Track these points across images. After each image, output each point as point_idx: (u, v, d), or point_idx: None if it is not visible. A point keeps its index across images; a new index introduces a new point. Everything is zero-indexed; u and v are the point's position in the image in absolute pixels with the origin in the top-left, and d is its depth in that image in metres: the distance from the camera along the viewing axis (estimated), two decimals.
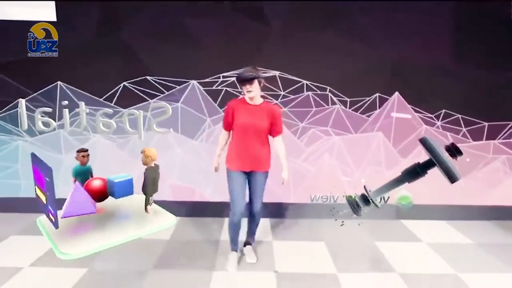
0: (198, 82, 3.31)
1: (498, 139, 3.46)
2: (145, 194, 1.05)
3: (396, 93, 3.36)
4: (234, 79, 3.30)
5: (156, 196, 3.40)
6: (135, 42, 3.26)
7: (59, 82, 3.30)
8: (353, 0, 3.17)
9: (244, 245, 2.76)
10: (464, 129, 3.43)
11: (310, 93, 3.34)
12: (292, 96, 3.34)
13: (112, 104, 3.33)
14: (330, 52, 3.26)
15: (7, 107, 3.35)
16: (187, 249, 2.85)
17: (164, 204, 3.33)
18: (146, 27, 3.23)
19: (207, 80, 3.31)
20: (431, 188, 3.49)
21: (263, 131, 2.38)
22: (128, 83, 3.30)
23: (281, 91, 3.34)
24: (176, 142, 3.41)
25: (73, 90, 3.32)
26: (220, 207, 3.35)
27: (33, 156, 0.97)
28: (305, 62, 3.29)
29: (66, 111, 1.54)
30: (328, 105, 3.37)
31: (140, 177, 1.44)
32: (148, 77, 3.30)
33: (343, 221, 1.95)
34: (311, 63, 3.28)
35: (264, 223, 3.41)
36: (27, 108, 3.30)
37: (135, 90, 3.31)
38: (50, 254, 2.70)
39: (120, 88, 3.31)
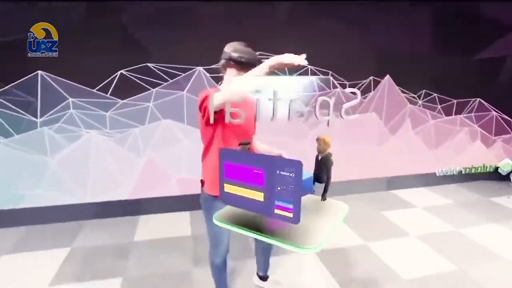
0: (204, 69, 3.15)
1: (463, 113, 4.06)
2: (323, 182, 1.05)
3: (387, 76, 3.67)
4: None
5: (164, 192, 3.20)
6: (134, 26, 2.92)
7: (39, 72, 2.81)
8: None
9: (262, 279, 2.19)
10: (439, 106, 3.94)
11: (314, 77, 3.45)
12: None
13: (108, 95, 2.98)
14: (332, 38, 3.38)
15: None
16: None
17: (172, 199, 3.18)
18: (146, 10, 2.92)
19: (214, 66, 3.16)
20: (409, 160, 3.98)
21: (254, 132, 1.73)
22: (126, 71, 2.97)
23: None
24: (182, 133, 3.22)
25: (58, 80, 2.86)
26: None
27: (225, 151, 0.90)
28: (309, 47, 3.35)
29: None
30: (330, 88, 3.53)
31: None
32: (149, 64, 3.01)
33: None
34: (314, 49, 3.35)
35: None
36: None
37: (134, 79, 3.00)
38: (67, 269, 2.38)
39: (117, 77, 2.96)
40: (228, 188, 0.91)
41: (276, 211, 0.83)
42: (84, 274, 2.31)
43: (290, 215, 0.81)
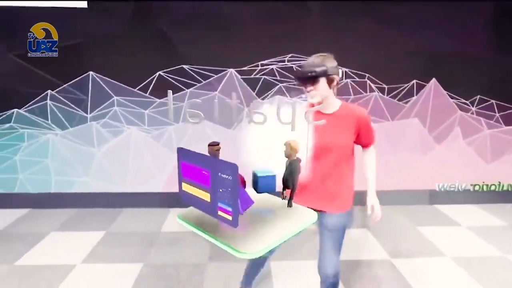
0: (236, 71, 3.23)
1: None
2: (290, 188, 1.02)
3: (433, 79, 3.36)
4: (273, 67, 3.25)
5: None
6: (171, 30, 3.14)
7: (91, 72, 3.16)
8: None
9: None
10: (497, 114, 3.49)
11: (349, 80, 3.31)
12: None
13: (147, 95, 3.23)
14: (369, 39, 3.22)
15: (36, 99, 3.19)
16: None
17: None
18: (182, 14, 3.11)
19: (245, 68, 3.23)
20: (462, 173, 3.58)
21: (341, 151, 1.58)
22: (163, 72, 3.19)
23: None
24: (212, 132, 3.34)
25: (105, 80, 3.19)
26: None
27: (182, 151, 0.92)
28: (344, 49, 3.23)
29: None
30: (366, 92, 3.35)
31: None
32: (184, 66, 3.19)
33: None
34: (350, 50, 3.24)
35: None
36: (56, 100, 3.20)
37: (171, 80, 3.21)
38: (98, 250, 2.65)
39: (155, 78, 3.20)
40: (185, 187, 0.95)
41: (219, 212, 0.84)
42: (111, 256, 2.55)
43: (230, 217, 0.82)
